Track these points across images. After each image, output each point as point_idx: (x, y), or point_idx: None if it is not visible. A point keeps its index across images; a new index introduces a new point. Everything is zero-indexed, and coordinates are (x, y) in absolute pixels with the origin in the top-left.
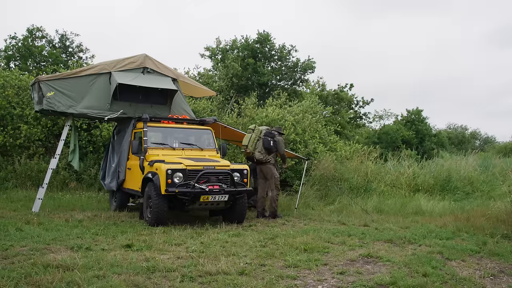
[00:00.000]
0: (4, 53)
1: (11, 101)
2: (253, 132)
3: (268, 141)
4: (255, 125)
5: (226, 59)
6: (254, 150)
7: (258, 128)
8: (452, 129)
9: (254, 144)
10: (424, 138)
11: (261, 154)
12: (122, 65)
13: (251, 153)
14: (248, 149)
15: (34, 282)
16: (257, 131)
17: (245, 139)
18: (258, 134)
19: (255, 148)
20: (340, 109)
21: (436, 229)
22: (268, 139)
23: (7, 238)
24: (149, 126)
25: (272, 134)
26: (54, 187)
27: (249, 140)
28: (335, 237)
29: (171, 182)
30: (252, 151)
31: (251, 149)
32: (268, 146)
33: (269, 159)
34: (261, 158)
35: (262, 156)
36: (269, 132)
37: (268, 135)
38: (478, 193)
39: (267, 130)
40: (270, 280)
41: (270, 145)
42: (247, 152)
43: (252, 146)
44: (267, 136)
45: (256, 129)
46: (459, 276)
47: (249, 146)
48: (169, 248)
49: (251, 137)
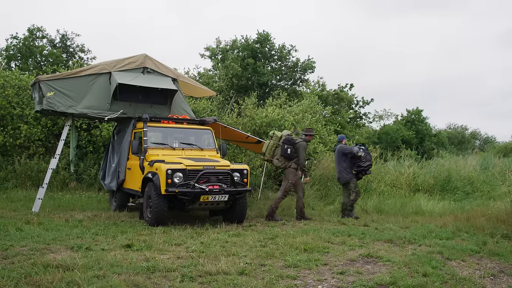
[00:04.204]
0: (5, 53)
1: (11, 101)
2: (271, 139)
3: (285, 149)
4: (273, 131)
5: (226, 59)
6: (272, 158)
7: (277, 134)
8: (452, 129)
9: (272, 152)
10: (424, 138)
11: (279, 161)
12: (122, 65)
13: (270, 160)
14: (265, 156)
15: (34, 282)
16: (275, 138)
17: (264, 146)
18: (276, 140)
19: (274, 155)
20: (340, 109)
21: (436, 229)
22: (285, 147)
23: (7, 238)
24: (149, 126)
25: (291, 141)
26: (54, 187)
27: (267, 147)
28: (335, 237)
29: (171, 182)
30: (269, 158)
31: (269, 157)
32: (285, 154)
33: (289, 164)
34: (279, 165)
35: (281, 164)
36: (288, 139)
37: (287, 142)
38: (478, 193)
39: (286, 137)
40: (270, 280)
41: (287, 153)
42: (265, 159)
43: (269, 153)
44: (286, 143)
45: (274, 135)
46: (459, 276)
47: (266, 153)
48: (169, 248)
49: (269, 144)
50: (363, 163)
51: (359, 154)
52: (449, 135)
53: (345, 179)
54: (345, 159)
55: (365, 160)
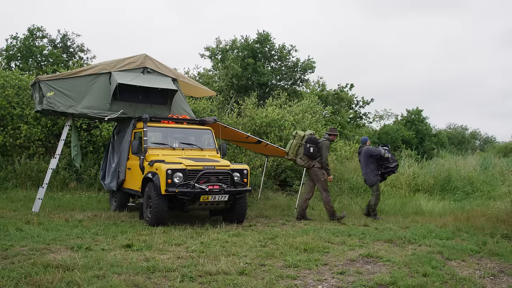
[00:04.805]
0: (5, 53)
1: (11, 101)
2: (294, 138)
3: (308, 148)
4: (296, 130)
5: (226, 60)
6: (295, 157)
7: (300, 134)
8: (452, 129)
9: (295, 151)
10: (424, 138)
11: (303, 161)
12: (122, 65)
13: (293, 160)
14: (289, 156)
15: (34, 282)
16: (298, 137)
17: (287, 146)
18: (299, 140)
19: (297, 154)
20: (340, 109)
21: (436, 229)
22: (308, 146)
23: (7, 238)
24: (149, 126)
25: (314, 140)
26: (54, 187)
27: (290, 146)
28: (335, 237)
29: (171, 182)
30: (293, 157)
31: (292, 156)
32: (308, 153)
33: (313, 164)
34: (303, 165)
35: (304, 163)
36: (311, 139)
37: (309, 141)
38: (478, 193)
39: (309, 136)
40: (270, 280)
41: (310, 152)
42: (289, 159)
43: (293, 153)
44: (308, 142)
45: (297, 135)
46: (459, 276)
47: (289, 153)
48: (169, 248)
49: (292, 144)
50: (390, 164)
51: (386, 155)
52: (449, 135)
53: (372, 181)
54: (372, 160)
55: (392, 161)
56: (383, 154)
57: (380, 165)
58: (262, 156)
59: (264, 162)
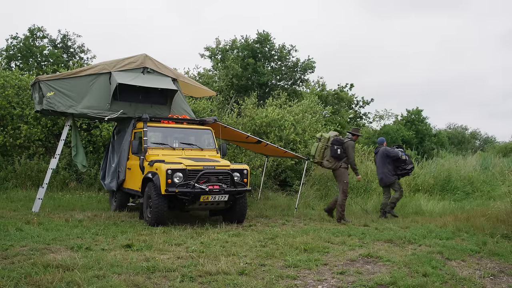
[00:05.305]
0: (5, 53)
1: (11, 101)
2: (320, 141)
3: (335, 150)
4: (321, 133)
5: (226, 60)
6: (322, 159)
7: (325, 136)
8: (452, 129)
9: (321, 154)
10: (424, 138)
11: (330, 163)
12: (122, 65)
13: (320, 162)
14: (315, 159)
15: (34, 282)
16: (323, 139)
17: (312, 149)
18: (325, 142)
19: (323, 157)
20: (340, 109)
21: (436, 229)
22: (335, 147)
23: (7, 238)
24: (149, 126)
25: (340, 141)
26: (54, 187)
27: (316, 149)
28: (335, 237)
29: (171, 182)
30: (319, 160)
31: (319, 159)
32: (335, 155)
33: (339, 165)
34: (330, 167)
35: (331, 165)
36: (337, 140)
37: (335, 143)
38: (478, 193)
39: (335, 138)
40: (270, 280)
41: (337, 153)
42: (315, 162)
43: (319, 155)
44: (335, 144)
45: (322, 137)
46: (459, 276)
47: (316, 156)
48: (169, 248)
49: (318, 146)
50: (407, 166)
51: (403, 157)
52: (449, 135)
53: (389, 181)
54: (389, 161)
55: (408, 163)
56: (400, 156)
57: (397, 167)
58: (262, 156)
59: (264, 162)
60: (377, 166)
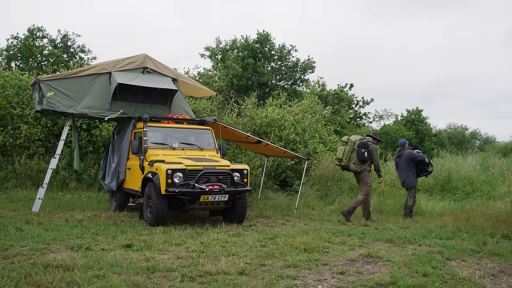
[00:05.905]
0: (5, 53)
1: (11, 101)
2: (347, 144)
3: (362, 153)
4: (347, 137)
5: (226, 60)
6: (348, 163)
7: (351, 139)
8: (452, 129)
9: (348, 157)
10: (424, 138)
11: (356, 166)
12: (122, 65)
13: (346, 166)
14: (343, 162)
15: (34, 282)
16: (350, 143)
17: (338, 152)
18: (352, 146)
19: (350, 160)
20: (340, 109)
21: (436, 229)
22: (362, 150)
23: (7, 238)
24: (149, 126)
25: (365, 144)
26: (54, 187)
27: (343, 153)
28: (335, 237)
29: (171, 182)
30: (347, 163)
31: (346, 162)
32: (362, 158)
33: (364, 168)
34: (356, 170)
35: (357, 168)
36: (363, 143)
37: (362, 146)
38: (478, 193)
39: (361, 141)
40: (270, 280)
41: (364, 156)
42: (342, 165)
43: (346, 159)
44: (361, 147)
45: (349, 141)
46: (459, 276)
47: (343, 159)
48: (169, 248)
49: (345, 150)
50: (429, 168)
51: (426, 160)
52: (449, 135)
53: (413, 183)
54: (413, 164)
55: (430, 165)
56: (424, 159)
57: (420, 169)
58: (262, 156)
59: (264, 162)
60: (400, 169)
